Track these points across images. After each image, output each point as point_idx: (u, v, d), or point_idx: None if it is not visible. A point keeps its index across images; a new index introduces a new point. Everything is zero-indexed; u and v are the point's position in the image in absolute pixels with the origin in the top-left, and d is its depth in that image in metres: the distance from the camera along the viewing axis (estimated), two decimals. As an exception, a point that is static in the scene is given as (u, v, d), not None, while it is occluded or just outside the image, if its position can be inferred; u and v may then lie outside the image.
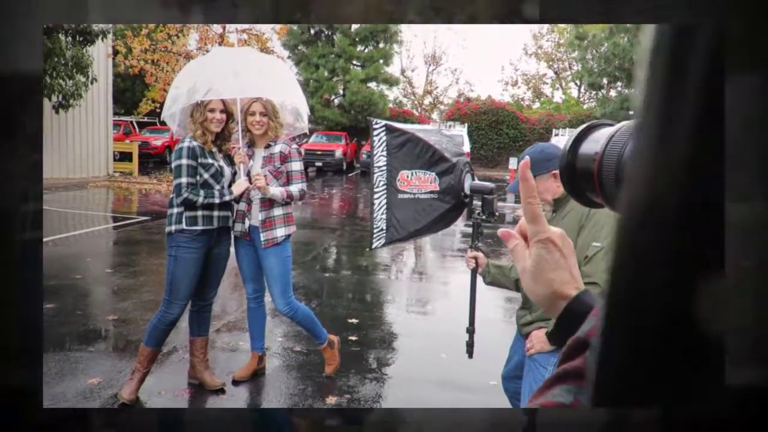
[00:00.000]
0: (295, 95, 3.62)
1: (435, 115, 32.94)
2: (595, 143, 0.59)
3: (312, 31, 26.73)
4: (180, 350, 4.16)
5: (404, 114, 28.23)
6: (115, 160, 17.59)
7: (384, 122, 2.62)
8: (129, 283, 5.99)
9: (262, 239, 3.46)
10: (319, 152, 21.72)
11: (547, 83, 35.77)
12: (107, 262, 7.32)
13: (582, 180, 0.60)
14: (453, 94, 34.19)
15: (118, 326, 4.77)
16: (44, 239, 5.94)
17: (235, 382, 3.71)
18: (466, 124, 22.42)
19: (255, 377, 3.80)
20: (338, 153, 21.93)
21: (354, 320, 5.13)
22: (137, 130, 22.17)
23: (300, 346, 4.44)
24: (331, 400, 3.57)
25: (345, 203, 14.98)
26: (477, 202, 2.67)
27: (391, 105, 28.75)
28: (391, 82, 27.49)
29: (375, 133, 2.59)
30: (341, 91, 26.76)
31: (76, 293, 5.60)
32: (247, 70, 3.42)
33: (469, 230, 2.67)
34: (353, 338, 4.66)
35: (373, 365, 4.23)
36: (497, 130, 27.02)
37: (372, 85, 26.72)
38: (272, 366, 4.03)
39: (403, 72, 33.93)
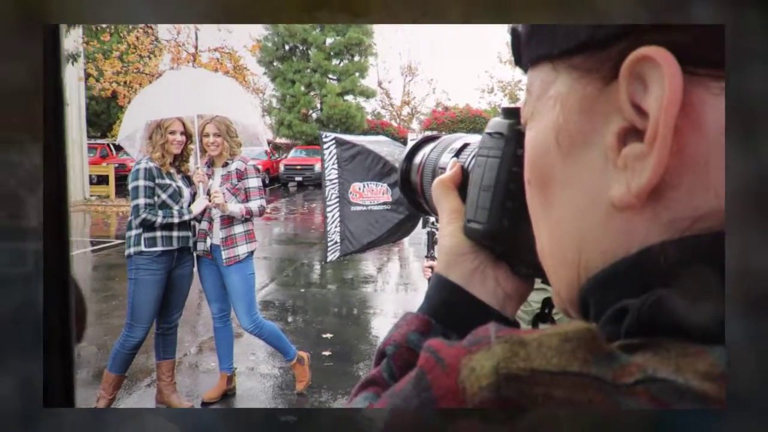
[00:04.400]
0: (251, 111, 3.63)
1: (414, 125, 33.08)
2: (422, 154, 0.62)
3: (287, 47, 26.79)
4: (152, 375, 4.10)
5: (382, 125, 28.31)
6: (92, 183, 17.38)
7: (334, 135, 2.64)
8: (100, 309, 5.90)
9: (223, 257, 3.43)
10: (299, 167, 21.69)
11: (522, 89, 36.04)
12: (81, 288, 7.20)
13: (413, 187, 0.63)
14: (431, 104, 34.40)
15: (86, 353, 4.69)
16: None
17: (205, 404, 3.66)
18: (443, 133, 22.53)
19: (225, 398, 3.75)
20: (318, 167, 21.90)
21: (329, 335, 5.10)
22: (114, 152, 21.96)
23: (271, 364, 4.40)
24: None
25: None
26: (433, 212, 2.68)
27: (369, 117, 28.82)
28: (367, 94, 27.59)
29: (325, 146, 2.60)
30: (318, 105, 26.79)
31: (46, 321, 5.50)
32: (202, 89, 3.42)
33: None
34: (327, 353, 4.63)
35: (347, 381, 4.21)
36: (476, 137, 27.17)
37: (349, 98, 26.79)
38: (243, 386, 3.98)
39: (379, 84, 34.06)
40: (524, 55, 0.35)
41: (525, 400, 0.24)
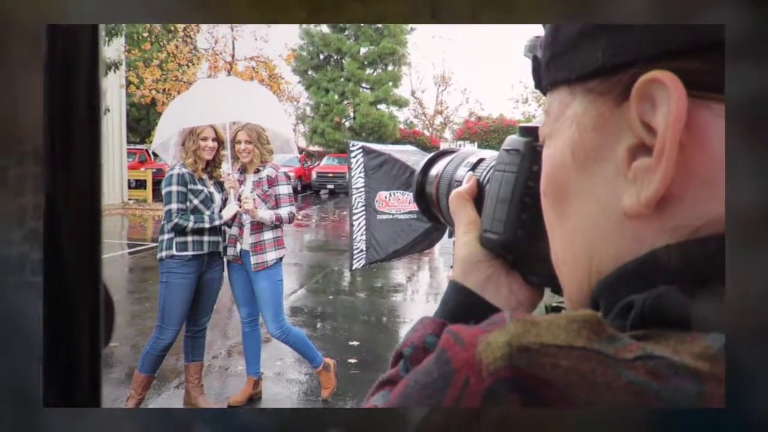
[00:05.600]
0: (282, 119, 3.68)
1: (447, 134, 33.00)
2: (439, 167, 0.64)
3: (321, 56, 27.13)
4: (181, 376, 4.17)
5: (414, 134, 28.35)
6: (130, 187, 17.85)
7: (361, 144, 2.65)
8: (134, 310, 6.03)
9: (252, 263, 3.47)
10: (331, 174, 21.87)
11: (558, 99, 35.63)
12: (116, 289, 7.38)
13: (428, 198, 0.65)
14: (464, 114, 34.27)
15: (118, 353, 4.79)
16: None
17: (231, 408, 3.69)
18: (476, 143, 22.46)
19: (251, 402, 3.78)
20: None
21: (356, 342, 5.10)
22: (152, 157, 22.51)
23: (298, 369, 4.42)
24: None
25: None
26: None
27: (401, 126, 28.90)
28: (400, 103, 27.70)
29: (352, 155, 2.61)
30: (351, 114, 27.01)
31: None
32: (234, 97, 3.48)
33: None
34: (353, 361, 4.63)
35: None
36: (508, 147, 26.94)
37: (382, 107, 26.95)
38: (269, 390, 4.01)
39: (413, 93, 34.14)
40: (544, 79, 0.38)
41: (534, 368, 0.27)
